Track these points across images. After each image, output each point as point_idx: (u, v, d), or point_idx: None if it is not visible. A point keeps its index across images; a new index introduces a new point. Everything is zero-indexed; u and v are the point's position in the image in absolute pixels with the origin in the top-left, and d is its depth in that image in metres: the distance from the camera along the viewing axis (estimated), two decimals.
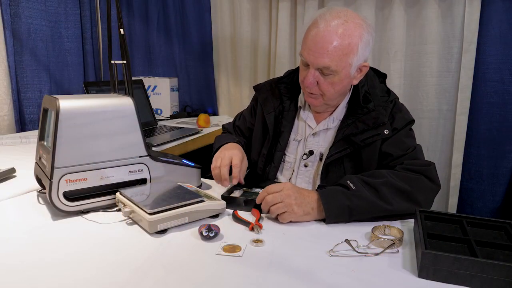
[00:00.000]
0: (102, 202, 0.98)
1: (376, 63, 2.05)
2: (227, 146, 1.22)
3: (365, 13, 2.00)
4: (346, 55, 1.04)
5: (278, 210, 0.93)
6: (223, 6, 2.38)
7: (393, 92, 1.20)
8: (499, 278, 0.66)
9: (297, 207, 0.93)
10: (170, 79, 2.44)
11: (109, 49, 1.48)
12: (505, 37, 1.78)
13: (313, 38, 1.05)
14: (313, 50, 1.05)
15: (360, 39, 1.04)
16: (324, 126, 1.20)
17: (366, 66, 1.12)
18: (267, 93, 1.28)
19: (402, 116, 1.14)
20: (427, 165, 1.05)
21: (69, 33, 2.27)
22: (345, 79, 1.09)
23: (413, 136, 1.16)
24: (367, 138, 1.10)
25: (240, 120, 1.42)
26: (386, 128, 1.10)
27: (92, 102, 0.97)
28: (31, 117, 2.03)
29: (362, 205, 0.94)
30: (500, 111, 1.83)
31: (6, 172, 1.18)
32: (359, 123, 1.12)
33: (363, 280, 0.70)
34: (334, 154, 1.12)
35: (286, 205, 0.92)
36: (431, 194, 1.02)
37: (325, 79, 1.08)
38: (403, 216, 0.97)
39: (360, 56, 1.06)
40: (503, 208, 1.90)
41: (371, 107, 1.13)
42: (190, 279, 0.69)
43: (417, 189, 0.98)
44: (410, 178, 1.00)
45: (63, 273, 0.70)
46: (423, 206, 0.97)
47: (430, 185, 1.01)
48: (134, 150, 1.01)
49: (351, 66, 1.06)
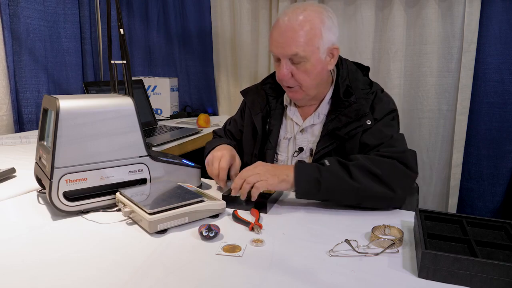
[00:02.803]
0: (102, 202, 0.98)
1: (376, 63, 2.05)
2: (217, 148, 1.22)
3: (365, 13, 2.01)
4: (310, 39, 1.08)
5: (253, 179, 0.97)
6: (223, 6, 2.38)
7: (376, 84, 1.22)
8: (499, 278, 0.66)
9: (271, 176, 0.98)
10: (170, 79, 2.44)
11: (109, 49, 1.48)
12: (505, 37, 1.78)
13: (277, 32, 1.11)
14: (279, 41, 1.10)
15: (322, 23, 1.09)
16: (310, 122, 1.22)
17: (337, 48, 1.15)
18: (254, 96, 1.31)
19: (382, 106, 1.16)
20: (401, 151, 1.05)
21: (68, 33, 2.27)
22: (317, 65, 1.12)
23: (392, 125, 1.16)
24: (351, 131, 1.13)
25: (231, 125, 1.44)
26: (368, 119, 1.12)
27: (92, 102, 0.97)
28: (30, 117, 2.03)
29: (331, 180, 0.97)
30: (500, 111, 1.84)
31: (6, 172, 1.18)
32: (342, 117, 1.14)
33: (363, 280, 0.70)
34: (322, 150, 1.15)
35: (260, 175, 0.98)
36: (406, 180, 1.02)
37: (298, 68, 1.12)
38: (377, 202, 1.00)
39: (325, 40, 1.10)
40: (503, 208, 1.90)
41: (352, 100, 1.15)
42: (190, 279, 0.69)
43: (389, 173, 0.99)
44: (381, 162, 1.01)
45: (63, 273, 0.70)
46: (397, 192, 0.98)
47: (403, 169, 1.01)
48: (134, 150, 1.01)
49: (319, 50, 1.10)
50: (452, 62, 1.88)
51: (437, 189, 2.01)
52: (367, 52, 2.04)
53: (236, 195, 1.01)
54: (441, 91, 1.93)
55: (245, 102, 1.35)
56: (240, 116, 1.41)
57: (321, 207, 1.04)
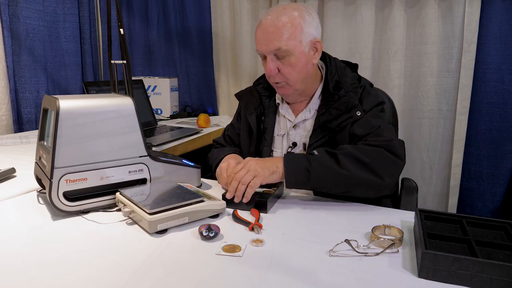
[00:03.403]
0: (102, 202, 0.98)
1: (376, 63, 2.05)
2: (223, 160, 1.22)
3: (365, 13, 2.01)
4: (292, 33, 1.12)
5: (247, 179, 1.00)
6: (223, 6, 2.38)
7: (364, 79, 1.25)
8: (499, 278, 0.66)
9: (261, 169, 1.01)
10: (170, 79, 2.44)
11: (109, 49, 1.48)
12: (505, 37, 1.78)
13: (260, 30, 1.15)
14: (262, 39, 1.14)
15: (302, 18, 1.13)
16: (302, 117, 1.25)
17: (319, 42, 1.18)
18: (248, 97, 1.34)
19: (370, 99, 1.19)
20: (388, 140, 1.08)
21: (67, 33, 2.27)
22: (301, 58, 1.14)
23: (381, 117, 1.19)
24: (341, 122, 1.15)
25: (229, 130, 1.45)
26: (357, 110, 1.15)
27: (92, 102, 0.97)
28: (29, 117, 2.04)
29: (321, 170, 1.01)
30: (500, 111, 1.84)
31: (6, 172, 1.18)
32: (332, 110, 1.17)
33: (363, 280, 0.70)
34: (315, 143, 1.18)
35: (251, 172, 1.01)
36: (393, 168, 1.05)
37: (283, 63, 1.15)
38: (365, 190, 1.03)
39: (306, 34, 1.13)
40: (503, 208, 1.90)
41: (342, 93, 1.18)
42: (190, 279, 0.69)
43: (376, 161, 1.02)
44: (369, 150, 1.04)
45: (63, 273, 0.70)
46: (385, 179, 1.02)
47: (391, 157, 1.04)
48: (134, 150, 1.01)
49: (301, 43, 1.13)
50: (452, 62, 1.88)
51: (437, 189, 2.01)
52: (367, 52, 2.04)
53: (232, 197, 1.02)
54: (441, 91, 1.93)
55: (240, 105, 1.38)
56: (237, 120, 1.43)
57: (321, 207, 1.04)
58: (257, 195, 1.02)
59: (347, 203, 1.07)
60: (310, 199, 1.11)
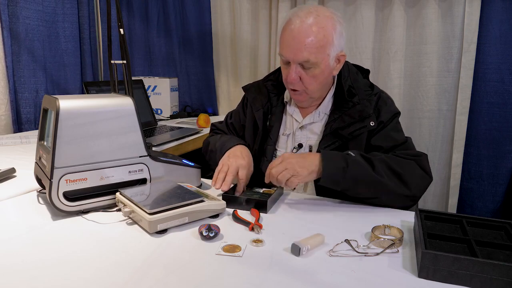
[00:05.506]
0: (102, 202, 0.98)
1: (376, 63, 2.05)
2: (236, 153, 1.18)
3: (365, 13, 2.01)
4: (323, 46, 1.08)
5: (284, 177, 0.99)
6: (223, 6, 2.38)
7: (376, 86, 1.24)
8: (499, 278, 0.66)
9: (300, 169, 1.00)
10: (170, 79, 2.44)
11: (109, 49, 1.48)
12: (505, 37, 1.78)
13: (290, 36, 1.09)
14: (291, 46, 1.09)
15: (334, 30, 1.10)
16: (310, 120, 1.23)
17: (344, 55, 1.16)
18: (255, 93, 1.31)
19: (388, 108, 1.18)
20: (418, 155, 1.09)
21: (67, 33, 2.26)
22: (325, 70, 1.13)
23: (401, 130, 1.20)
24: (354, 131, 1.14)
25: (233, 118, 1.42)
26: (371, 120, 1.14)
27: (92, 102, 0.97)
28: (28, 117, 2.03)
29: (357, 171, 1.00)
30: (500, 111, 1.84)
31: (6, 172, 1.18)
32: (345, 117, 1.15)
33: (363, 280, 0.70)
34: (324, 148, 1.16)
35: (289, 171, 0.99)
36: (422, 182, 1.06)
37: (307, 73, 1.12)
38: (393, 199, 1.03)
39: (336, 46, 1.11)
40: (503, 208, 1.90)
41: (355, 100, 1.16)
42: (190, 279, 0.69)
43: (409, 173, 1.03)
44: (402, 162, 1.05)
45: (63, 273, 0.70)
46: (413, 191, 1.02)
47: (421, 172, 1.05)
48: (134, 150, 1.01)
49: (329, 56, 1.11)
50: (452, 62, 1.88)
51: (437, 189, 2.01)
52: (367, 52, 2.04)
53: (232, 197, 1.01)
54: (441, 91, 1.93)
55: (246, 98, 1.35)
56: (242, 110, 1.39)
57: (321, 207, 1.04)
58: (257, 195, 1.02)
59: (347, 203, 1.07)
60: (310, 199, 1.11)
